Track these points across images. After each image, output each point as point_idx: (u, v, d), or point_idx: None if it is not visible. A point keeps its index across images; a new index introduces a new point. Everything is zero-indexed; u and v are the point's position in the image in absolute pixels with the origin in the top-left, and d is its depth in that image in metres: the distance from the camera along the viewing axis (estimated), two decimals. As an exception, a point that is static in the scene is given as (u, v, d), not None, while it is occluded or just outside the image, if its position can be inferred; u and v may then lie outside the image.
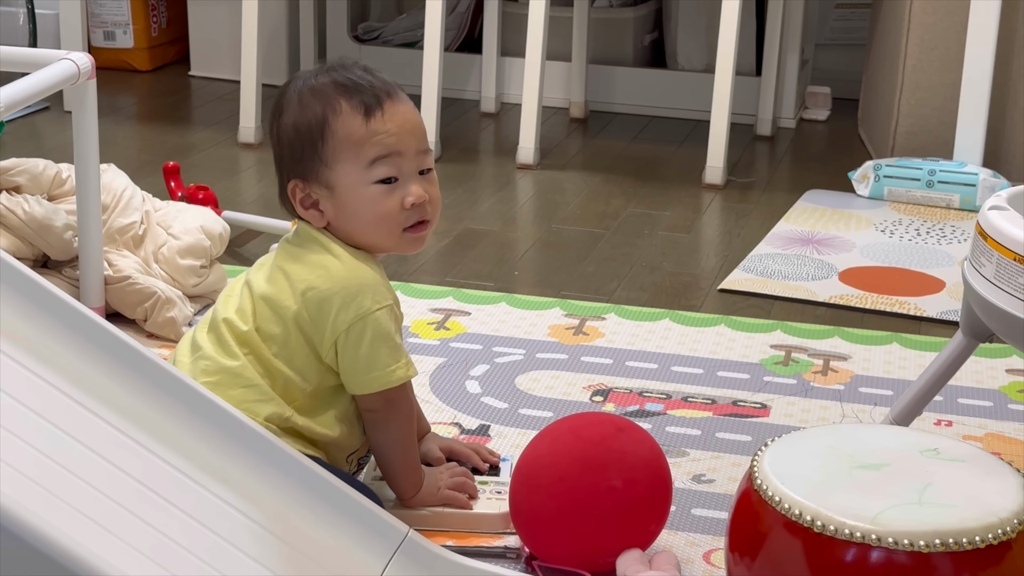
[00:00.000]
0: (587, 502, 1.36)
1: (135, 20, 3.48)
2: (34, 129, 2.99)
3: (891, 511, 1.16)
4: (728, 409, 1.80)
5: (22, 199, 1.96)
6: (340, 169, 1.41)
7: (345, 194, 1.41)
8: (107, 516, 1.13)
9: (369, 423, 1.45)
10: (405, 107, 1.43)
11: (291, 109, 1.44)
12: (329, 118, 1.41)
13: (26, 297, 1.24)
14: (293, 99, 1.44)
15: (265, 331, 1.41)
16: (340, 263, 1.41)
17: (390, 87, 1.44)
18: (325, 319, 1.39)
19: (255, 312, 1.41)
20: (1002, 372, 1.92)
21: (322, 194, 1.42)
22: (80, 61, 1.83)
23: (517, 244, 2.44)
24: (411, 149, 1.42)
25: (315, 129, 1.41)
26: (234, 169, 2.80)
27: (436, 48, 2.86)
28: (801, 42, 3.22)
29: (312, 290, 1.39)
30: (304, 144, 1.42)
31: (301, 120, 1.42)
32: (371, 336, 1.39)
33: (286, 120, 1.44)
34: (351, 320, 1.38)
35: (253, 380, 1.39)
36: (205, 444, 1.26)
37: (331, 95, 1.42)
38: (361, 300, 1.39)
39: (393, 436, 1.44)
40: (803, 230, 2.51)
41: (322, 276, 1.40)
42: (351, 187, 1.41)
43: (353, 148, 1.40)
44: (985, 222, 1.44)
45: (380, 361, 1.40)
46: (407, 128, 1.42)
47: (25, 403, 1.17)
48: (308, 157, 1.42)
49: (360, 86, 1.42)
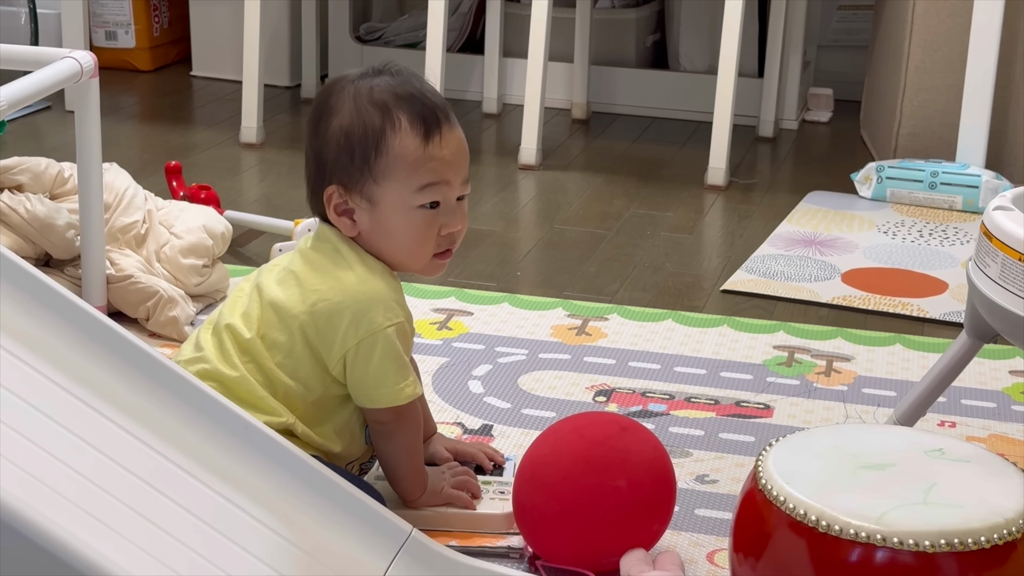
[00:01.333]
0: (591, 502, 1.36)
1: (137, 20, 3.48)
2: (36, 128, 2.98)
3: (896, 511, 1.16)
4: (731, 410, 1.79)
5: (24, 198, 1.95)
6: (388, 186, 1.37)
7: (387, 212, 1.38)
8: (110, 514, 1.13)
9: (376, 433, 1.44)
10: (458, 132, 1.40)
11: (345, 112, 1.38)
12: (387, 132, 1.36)
13: (29, 294, 1.24)
14: (347, 101, 1.38)
15: (270, 338, 1.39)
16: (354, 276, 1.38)
17: (447, 106, 1.40)
18: (335, 332, 1.37)
19: (261, 317, 1.39)
20: (1005, 374, 1.92)
21: (361, 206, 1.38)
22: (83, 59, 1.82)
23: (519, 244, 2.43)
24: (458, 178, 1.40)
25: (370, 140, 1.37)
26: (236, 169, 2.80)
27: (438, 49, 2.86)
28: (803, 43, 3.22)
29: (323, 301, 1.37)
30: (354, 152, 1.37)
31: (356, 126, 1.37)
32: (380, 353, 1.37)
33: (338, 122, 1.38)
34: (361, 336, 1.37)
35: (252, 392, 1.37)
36: (209, 442, 1.25)
37: (392, 107, 1.37)
38: (372, 316, 1.37)
39: (400, 445, 1.44)
40: (806, 231, 2.51)
41: (334, 288, 1.38)
42: (395, 207, 1.38)
43: (407, 169, 1.37)
44: (990, 222, 1.44)
45: (388, 378, 1.38)
46: (460, 156, 1.39)
47: (28, 400, 1.17)
48: (357, 167, 1.37)
49: (421, 102, 1.37)
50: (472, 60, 3.36)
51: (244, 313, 1.41)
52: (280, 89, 3.39)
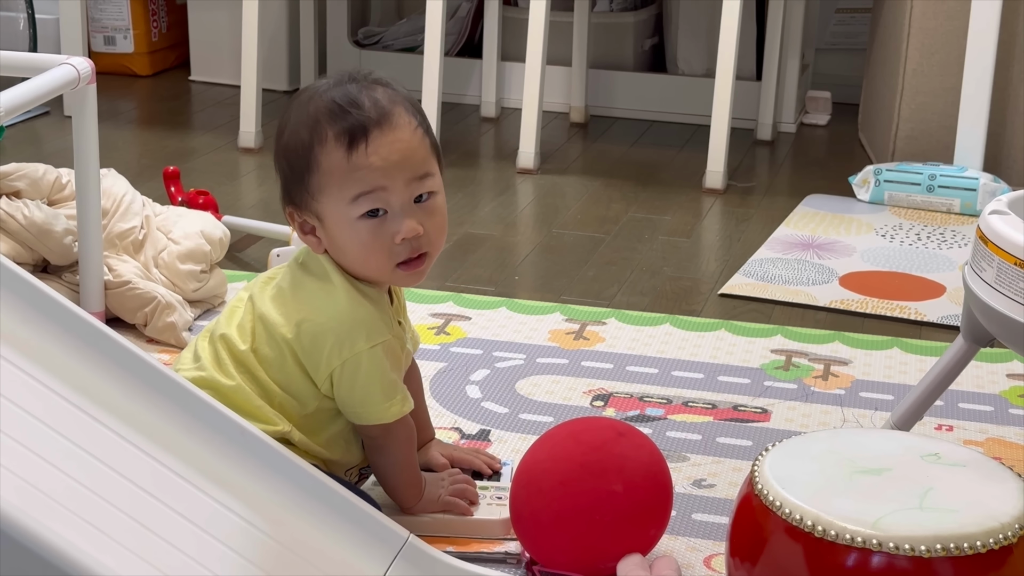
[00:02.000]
0: (588, 507, 1.36)
1: (135, 25, 3.48)
2: (34, 134, 2.99)
3: (892, 516, 1.16)
4: (729, 414, 1.79)
5: (22, 204, 1.96)
6: (325, 202, 1.36)
7: (332, 228, 1.37)
8: (107, 521, 1.13)
9: (369, 447, 1.44)
10: (394, 135, 1.35)
11: (287, 131, 1.38)
12: (315, 148, 1.35)
13: (26, 301, 1.24)
14: (291, 120, 1.38)
15: (262, 353, 1.39)
16: (338, 295, 1.38)
17: (383, 109, 1.35)
18: (319, 353, 1.37)
19: (254, 331, 1.40)
20: (1003, 377, 1.92)
21: (315, 223, 1.38)
22: (80, 66, 1.82)
23: (517, 249, 2.43)
24: (399, 181, 1.35)
25: (302, 159, 1.36)
26: (234, 174, 2.80)
27: (436, 53, 2.86)
28: (801, 46, 3.22)
29: (307, 322, 1.37)
30: (293, 172, 1.37)
31: (292, 146, 1.37)
32: (366, 373, 1.37)
33: (282, 142, 1.39)
34: (344, 358, 1.37)
35: (249, 401, 1.37)
36: (205, 449, 1.25)
37: (320, 122, 1.35)
38: (355, 338, 1.36)
39: (393, 459, 1.44)
40: (803, 235, 2.51)
41: (318, 309, 1.38)
42: (337, 221, 1.36)
43: (336, 183, 1.35)
44: (986, 226, 1.44)
45: (374, 397, 1.39)
46: (393, 160, 1.34)
47: (25, 407, 1.17)
48: (298, 186, 1.37)
49: (347, 113, 1.34)
50: (470, 64, 3.36)
51: (239, 324, 1.41)
52: (278, 93, 3.39)
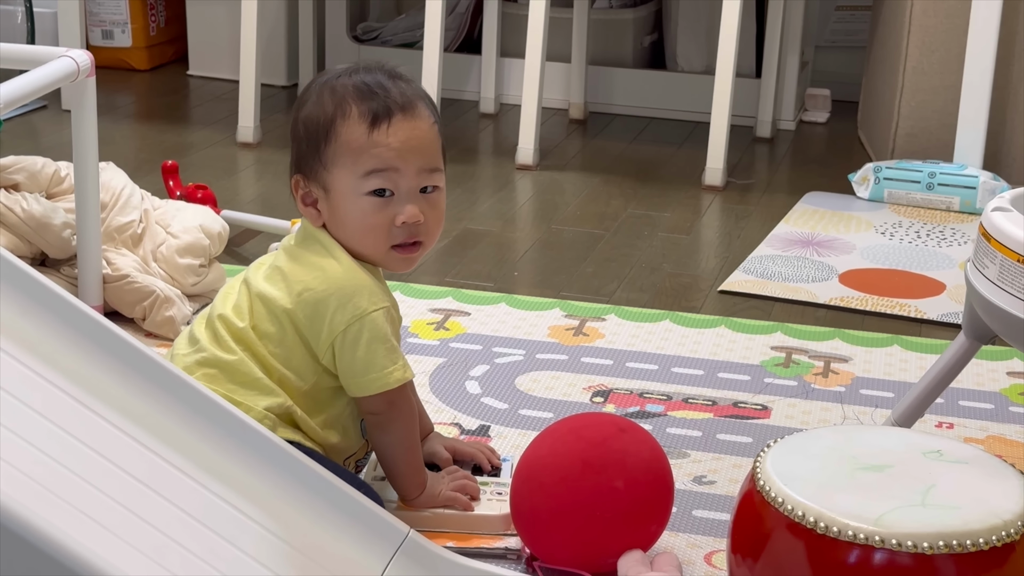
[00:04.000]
0: (588, 503, 1.35)
1: (133, 19, 3.47)
2: (32, 127, 2.98)
3: (894, 512, 1.16)
4: (729, 410, 1.79)
5: (20, 197, 1.95)
6: (337, 173, 1.40)
7: (338, 199, 1.41)
8: (107, 515, 1.12)
9: (371, 425, 1.44)
10: (416, 123, 1.40)
11: (309, 104, 1.43)
12: (337, 120, 1.40)
13: (25, 294, 1.23)
14: (313, 94, 1.43)
15: (261, 329, 1.40)
16: (338, 265, 1.41)
17: (408, 99, 1.41)
18: (321, 320, 1.38)
19: (252, 310, 1.41)
20: (1003, 375, 1.92)
21: (319, 194, 1.42)
22: (79, 58, 1.82)
23: (517, 245, 2.43)
24: (411, 167, 1.40)
25: (322, 129, 1.41)
26: (233, 168, 2.80)
27: (435, 49, 2.86)
28: (801, 44, 3.22)
29: (308, 291, 1.39)
30: (310, 141, 1.42)
31: (312, 117, 1.42)
32: (368, 337, 1.38)
33: (301, 114, 1.44)
34: (348, 321, 1.38)
35: (251, 373, 1.39)
36: (205, 443, 1.25)
37: (345, 97, 1.40)
38: (357, 301, 1.38)
39: (396, 437, 1.44)
40: (803, 232, 2.51)
41: (318, 277, 1.40)
42: (344, 193, 1.40)
43: (351, 155, 1.39)
44: (989, 223, 1.44)
45: (377, 363, 1.39)
46: (411, 145, 1.40)
47: (24, 401, 1.16)
48: (311, 155, 1.42)
49: (375, 93, 1.40)
50: (469, 60, 3.36)
51: (235, 305, 1.43)
52: (277, 88, 3.39)
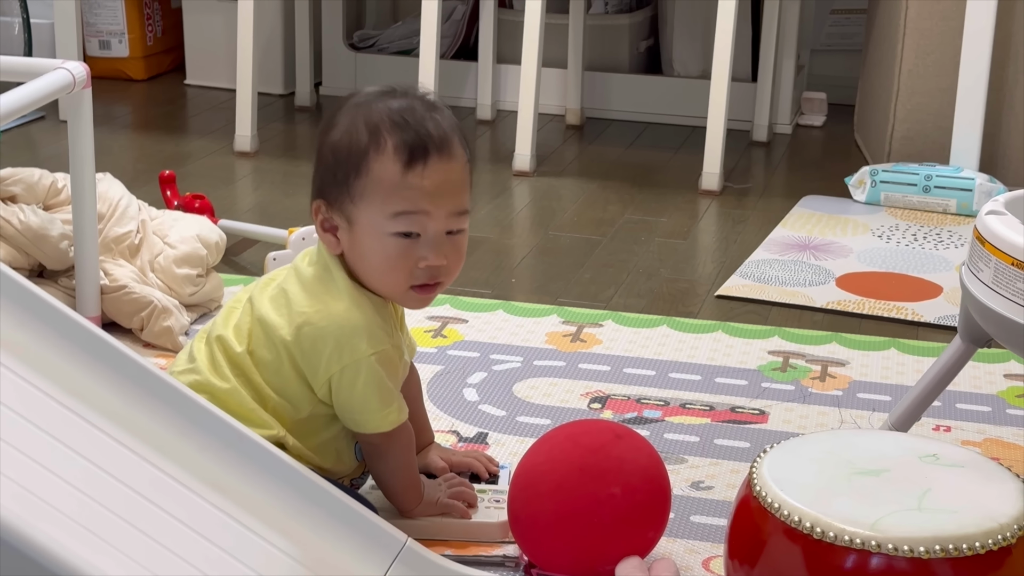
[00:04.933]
0: (586, 510, 1.36)
1: (130, 29, 3.48)
2: (30, 139, 2.98)
3: (891, 517, 1.16)
4: (726, 416, 1.79)
5: (18, 209, 1.95)
6: (364, 208, 1.34)
7: (361, 234, 1.36)
8: (105, 526, 1.12)
9: (368, 453, 1.44)
10: (451, 164, 1.35)
11: (340, 128, 1.36)
12: (370, 153, 1.34)
13: (22, 307, 1.24)
14: (345, 118, 1.36)
15: (258, 355, 1.38)
16: (342, 303, 1.37)
17: (445, 135, 1.35)
18: (318, 357, 1.36)
19: (251, 333, 1.39)
20: (1000, 377, 1.92)
21: (342, 224, 1.37)
22: (75, 70, 1.82)
23: (514, 251, 2.43)
24: (442, 211, 1.34)
25: (353, 159, 1.34)
26: (230, 178, 2.80)
27: (432, 56, 2.86)
28: (797, 48, 3.23)
29: (308, 325, 1.36)
30: (339, 170, 1.36)
31: (343, 144, 1.35)
32: (364, 380, 1.36)
33: (331, 138, 1.37)
34: (344, 363, 1.36)
35: (244, 404, 1.37)
36: (204, 454, 1.25)
37: (380, 128, 1.34)
38: (356, 343, 1.35)
39: (392, 465, 1.44)
40: (800, 236, 2.51)
41: (320, 312, 1.36)
42: (369, 230, 1.35)
43: (382, 193, 1.34)
44: (983, 227, 1.44)
45: (372, 405, 1.38)
46: (443, 189, 1.34)
47: (22, 413, 1.17)
48: (338, 184, 1.36)
49: (411, 128, 1.34)
50: (466, 67, 3.36)
51: (236, 326, 1.40)
52: (274, 97, 3.39)
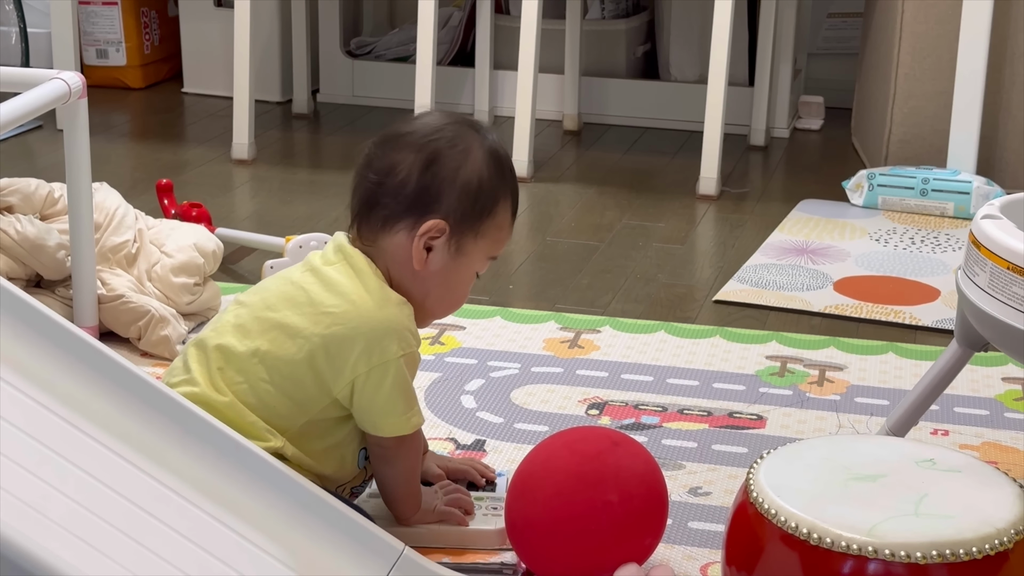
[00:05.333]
0: (583, 517, 1.36)
1: (127, 38, 3.48)
2: (27, 148, 2.98)
3: (888, 523, 1.16)
4: (724, 421, 1.79)
5: (14, 219, 1.95)
6: (480, 245, 1.42)
7: (464, 266, 1.42)
8: (101, 538, 1.12)
9: (377, 457, 1.43)
10: None
11: (478, 159, 1.40)
12: (500, 200, 1.42)
13: (18, 319, 1.24)
14: (480, 150, 1.41)
15: (273, 356, 1.36)
16: (370, 299, 1.37)
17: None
18: (345, 358, 1.35)
19: (266, 334, 1.37)
20: (998, 380, 1.92)
21: (447, 249, 1.40)
22: (71, 80, 1.82)
23: (511, 257, 2.43)
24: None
25: (488, 201, 1.41)
26: (228, 186, 2.80)
27: (429, 62, 2.86)
28: (793, 52, 3.23)
29: (338, 325, 1.35)
30: (475, 205, 1.40)
31: (486, 179, 1.40)
32: (391, 383, 1.36)
33: (471, 167, 1.40)
34: (373, 364, 1.35)
35: (242, 418, 1.36)
36: (200, 464, 1.25)
37: (508, 177, 1.44)
38: (387, 345, 1.36)
39: (400, 470, 1.44)
40: (797, 240, 2.51)
41: (348, 312, 1.36)
42: (470, 265, 1.43)
43: (494, 237, 1.43)
44: (978, 231, 1.44)
45: (397, 408, 1.38)
46: None
47: (17, 425, 1.16)
48: (470, 217, 1.40)
49: (514, 177, 1.45)
50: (463, 73, 3.36)
51: (240, 326, 1.39)
52: (271, 105, 3.40)
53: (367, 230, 1.41)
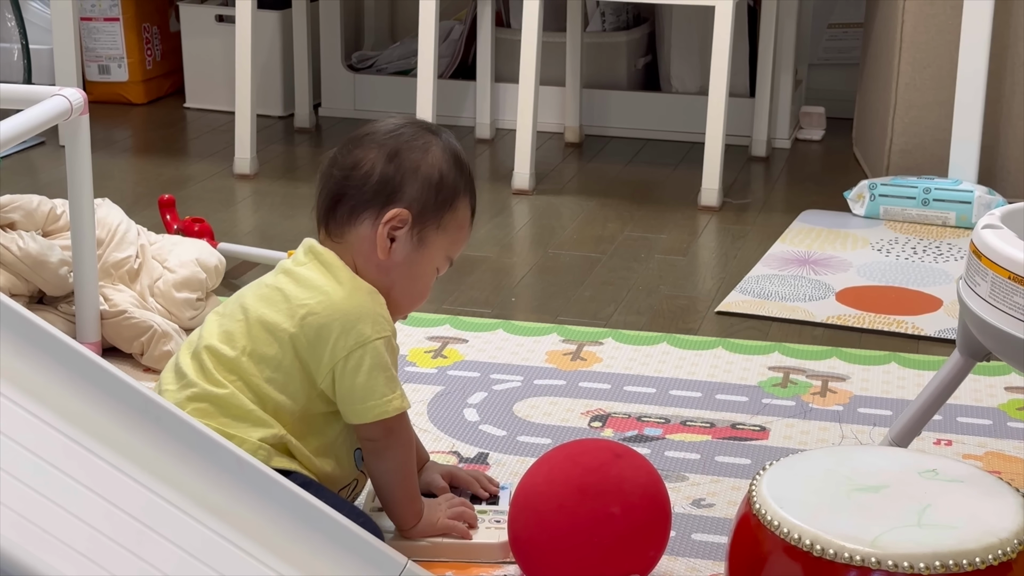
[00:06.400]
0: (586, 529, 1.36)
1: (129, 54, 3.49)
2: (30, 165, 2.99)
3: (890, 533, 1.16)
4: (727, 432, 1.79)
5: (17, 235, 1.96)
6: (440, 238, 1.46)
7: (421, 259, 1.46)
8: (103, 553, 1.12)
9: (368, 452, 1.44)
10: None
11: (438, 154, 1.47)
12: (459, 194, 1.47)
13: (19, 335, 1.24)
14: (439, 147, 1.47)
15: (260, 353, 1.40)
16: (342, 289, 1.41)
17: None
18: (324, 345, 1.39)
19: (248, 334, 1.41)
20: (1001, 390, 1.92)
21: (408, 241, 1.44)
22: (72, 97, 1.83)
23: (514, 270, 2.43)
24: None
25: (451, 192, 1.46)
26: (230, 200, 2.80)
27: (430, 75, 2.87)
28: (794, 62, 3.23)
29: (312, 315, 1.39)
30: (438, 194, 1.45)
31: (447, 174, 1.46)
32: (369, 365, 1.39)
33: (432, 160, 1.46)
34: (350, 347, 1.39)
35: (243, 406, 1.39)
36: (201, 479, 1.25)
37: (462, 172, 1.48)
38: (361, 328, 1.39)
39: (392, 465, 1.44)
40: (799, 250, 2.51)
41: (322, 302, 1.40)
42: (431, 258, 1.47)
43: (454, 234, 1.47)
44: (979, 241, 1.44)
45: (377, 391, 1.40)
46: None
47: (20, 441, 1.16)
48: (433, 209, 1.45)
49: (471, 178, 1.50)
50: (464, 86, 3.37)
51: (225, 332, 1.42)
52: (273, 119, 3.40)
53: (334, 225, 1.46)
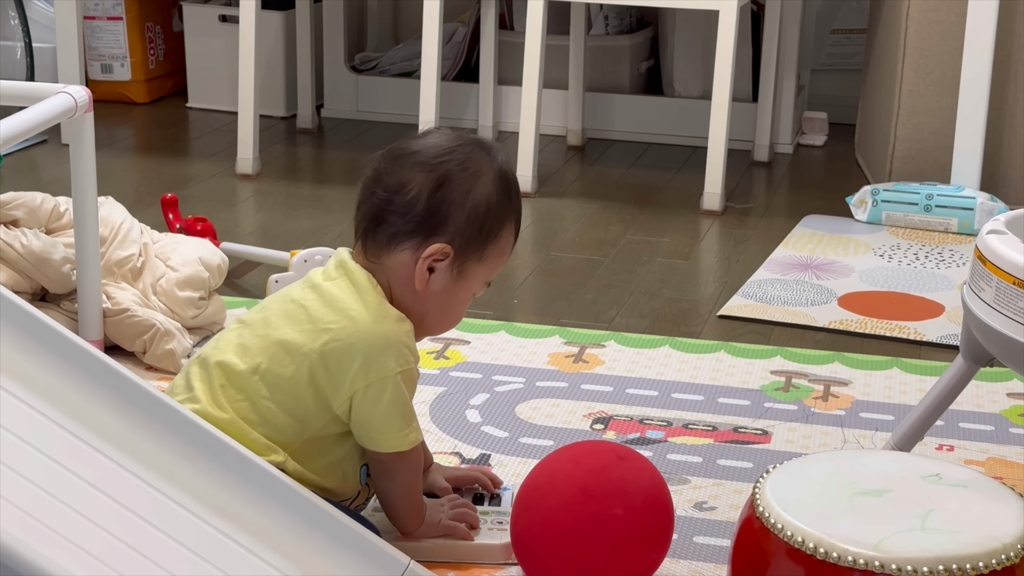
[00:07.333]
0: (588, 531, 1.36)
1: (132, 53, 3.49)
2: (33, 162, 2.99)
3: (894, 537, 1.16)
4: (729, 436, 1.79)
5: (20, 233, 1.96)
6: (481, 269, 1.42)
7: (464, 288, 1.42)
8: (108, 551, 1.12)
9: (376, 472, 1.43)
10: None
11: (489, 183, 1.41)
12: (506, 223, 1.42)
13: (24, 332, 1.24)
14: (491, 173, 1.41)
15: (273, 373, 1.37)
16: (368, 314, 1.37)
17: None
18: (344, 373, 1.36)
19: (266, 351, 1.38)
20: (1003, 396, 1.92)
21: (449, 272, 1.40)
22: (77, 94, 1.83)
23: (516, 272, 2.44)
24: None
25: (496, 223, 1.41)
26: (232, 200, 2.80)
27: (433, 77, 2.87)
28: (797, 68, 3.23)
29: (336, 341, 1.36)
30: (482, 227, 1.40)
31: (494, 204, 1.41)
32: (388, 399, 1.37)
33: (482, 190, 1.40)
34: (371, 380, 1.36)
35: (244, 434, 1.35)
36: (206, 477, 1.25)
37: (515, 203, 1.44)
38: (385, 360, 1.36)
39: (399, 484, 1.43)
40: (802, 255, 2.51)
41: (346, 328, 1.36)
42: (470, 287, 1.43)
43: (495, 262, 1.43)
44: (984, 246, 1.44)
45: (394, 424, 1.38)
46: None
47: (24, 437, 1.17)
48: (474, 241, 1.40)
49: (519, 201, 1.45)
50: (467, 88, 3.37)
51: (241, 345, 1.39)
52: (276, 119, 3.40)
53: (372, 245, 1.41)
